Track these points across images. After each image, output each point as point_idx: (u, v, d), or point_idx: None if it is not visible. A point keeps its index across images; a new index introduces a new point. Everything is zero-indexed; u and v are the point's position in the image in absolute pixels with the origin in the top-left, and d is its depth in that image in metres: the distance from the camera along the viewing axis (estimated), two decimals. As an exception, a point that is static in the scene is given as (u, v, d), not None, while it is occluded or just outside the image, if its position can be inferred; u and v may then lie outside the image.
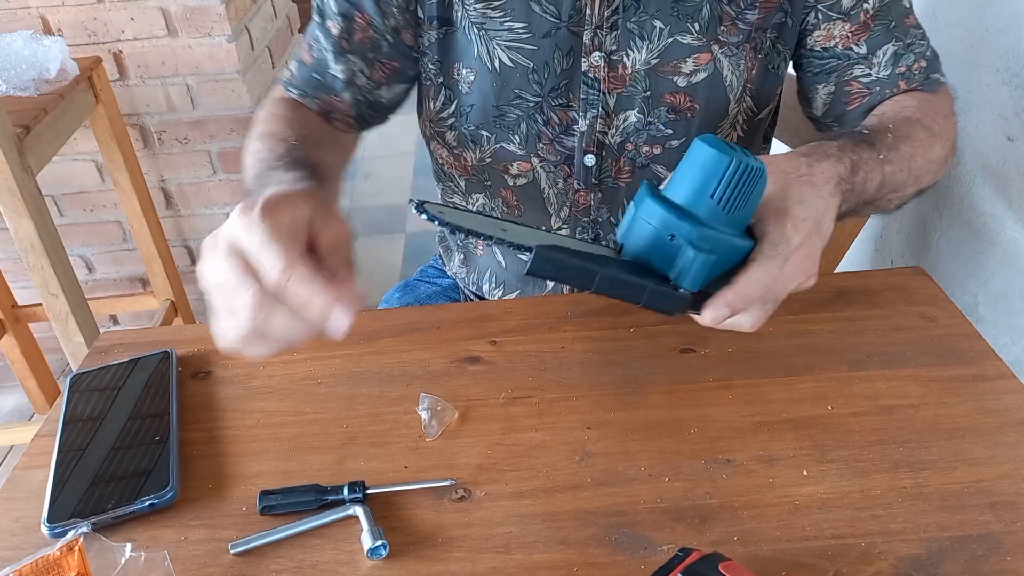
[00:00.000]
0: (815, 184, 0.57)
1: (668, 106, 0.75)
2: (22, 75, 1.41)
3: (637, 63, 0.73)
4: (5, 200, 1.27)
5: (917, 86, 0.74)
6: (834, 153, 0.60)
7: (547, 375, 0.66)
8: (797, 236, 0.54)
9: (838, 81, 0.75)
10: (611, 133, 0.77)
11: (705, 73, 0.73)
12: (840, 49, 0.73)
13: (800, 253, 0.54)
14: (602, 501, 0.54)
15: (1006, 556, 0.49)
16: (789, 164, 0.58)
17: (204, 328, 0.74)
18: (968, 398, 0.61)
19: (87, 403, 0.65)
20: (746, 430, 0.59)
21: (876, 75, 0.73)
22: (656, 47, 0.72)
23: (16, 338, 1.80)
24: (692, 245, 0.50)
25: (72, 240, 1.93)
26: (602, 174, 0.79)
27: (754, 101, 0.78)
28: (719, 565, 0.44)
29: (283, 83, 0.81)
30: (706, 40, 0.72)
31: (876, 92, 0.74)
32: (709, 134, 0.55)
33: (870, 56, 0.73)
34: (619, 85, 0.74)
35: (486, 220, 0.54)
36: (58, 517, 0.54)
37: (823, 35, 0.73)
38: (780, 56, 0.76)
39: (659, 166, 0.79)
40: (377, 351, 0.70)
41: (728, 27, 0.72)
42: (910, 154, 0.66)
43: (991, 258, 0.93)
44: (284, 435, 0.62)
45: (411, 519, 0.54)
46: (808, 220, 0.55)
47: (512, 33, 0.73)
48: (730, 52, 0.73)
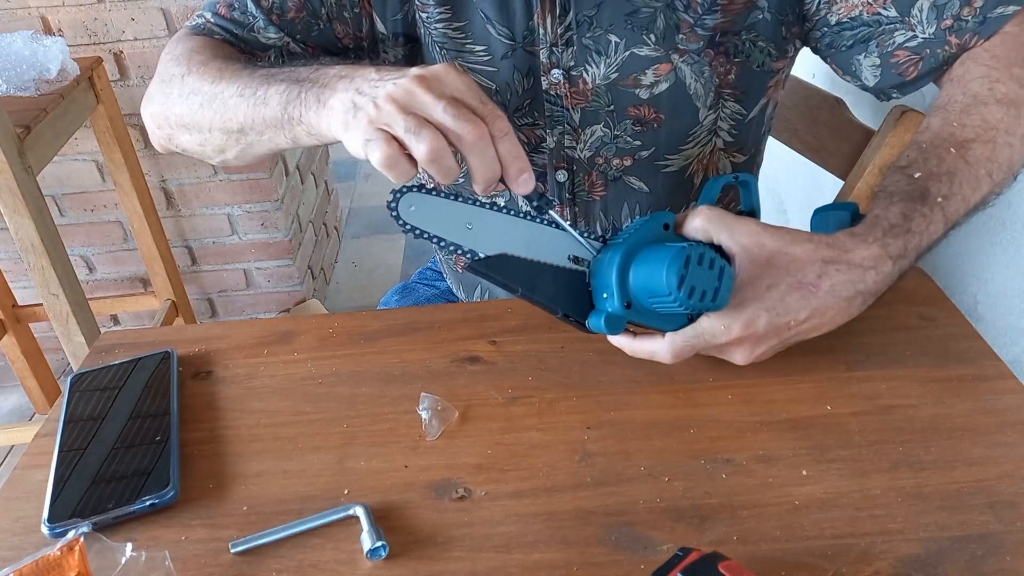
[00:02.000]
0: (811, 295, 0.55)
1: (633, 118, 0.74)
2: (22, 75, 1.41)
3: (597, 78, 0.72)
4: (6, 200, 1.27)
5: (974, 36, 0.65)
6: (869, 257, 0.56)
7: (547, 375, 0.66)
8: (729, 336, 0.56)
9: (881, 52, 0.69)
10: (580, 148, 0.76)
11: (667, 83, 0.72)
12: (867, 15, 0.67)
13: (731, 347, 0.58)
14: (602, 501, 0.54)
15: (1006, 556, 0.49)
16: (800, 264, 0.56)
17: (205, 328, 0.75)
18: (967, 398, 0.61)
19: (88, 403, 0.65)
20: (746, 430, 0.59)
21: (921, 36, 0.66)
22: (614, 61, 0.71)
23: (16, 338, 1.80)
24: (609, 317, 0.57)
25: (73, 240, 1.93)
26: (575, 188, 0.79)
27: (740, 104, 0.76)
28: (719, 565, 0.44)
29: (199, 29, 0.76)
30: (664, 50, 0.71)
31: (928, 55, 0.67)
32: (698, 243, 0.55)
33: (905, 17, 0.66)
34: (582, 100, 0.73)
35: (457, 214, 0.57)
36: (58, 517, 0.54)
37: (843, 7, 0.68)
38: (765, 53, 0.73)
39: (631, 177, 0.78)
40: (377, 351, 0.70)
41: (687, 35, 0.70)
42: (986, 155, 0.59)
43: (991, 258, 0.93)
44: (284, 435, 0.62)
45: (411, 519, 0.54)
46: (762, 327, 0.56)
47: (474, 55, 0.73)
48: (691, 60, 0.71)
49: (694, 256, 0.54)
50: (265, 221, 1.97)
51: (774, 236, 0.56)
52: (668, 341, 0.58)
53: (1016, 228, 0.89)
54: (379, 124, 0.50)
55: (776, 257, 0.56)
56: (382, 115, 0.50)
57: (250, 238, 2.00)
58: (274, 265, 2.06)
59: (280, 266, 2.06)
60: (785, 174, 1.57)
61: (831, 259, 0.56)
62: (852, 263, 0.56)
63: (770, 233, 0.56)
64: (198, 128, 0.67)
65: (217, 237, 2.00)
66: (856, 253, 0.56)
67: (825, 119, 0.96)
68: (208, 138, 0.67)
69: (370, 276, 2.46)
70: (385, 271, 2.45)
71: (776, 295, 0.56)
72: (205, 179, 1.90)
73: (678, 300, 0.53)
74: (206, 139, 0.68)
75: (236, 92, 0.63)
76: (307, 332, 0.73)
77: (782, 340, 0.58)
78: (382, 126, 0.50)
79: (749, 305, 0.56)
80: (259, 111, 0.60)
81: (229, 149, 0.67)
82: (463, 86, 0.52)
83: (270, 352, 0.71)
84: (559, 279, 0.59)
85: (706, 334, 0.57)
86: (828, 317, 0.57)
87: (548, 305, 0.59)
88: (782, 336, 0.57)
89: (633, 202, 0.81)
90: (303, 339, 0.72)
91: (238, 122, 0.63)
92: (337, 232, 2.61)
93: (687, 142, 0.76)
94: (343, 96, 0.53)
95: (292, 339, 0.72)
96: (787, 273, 0.56)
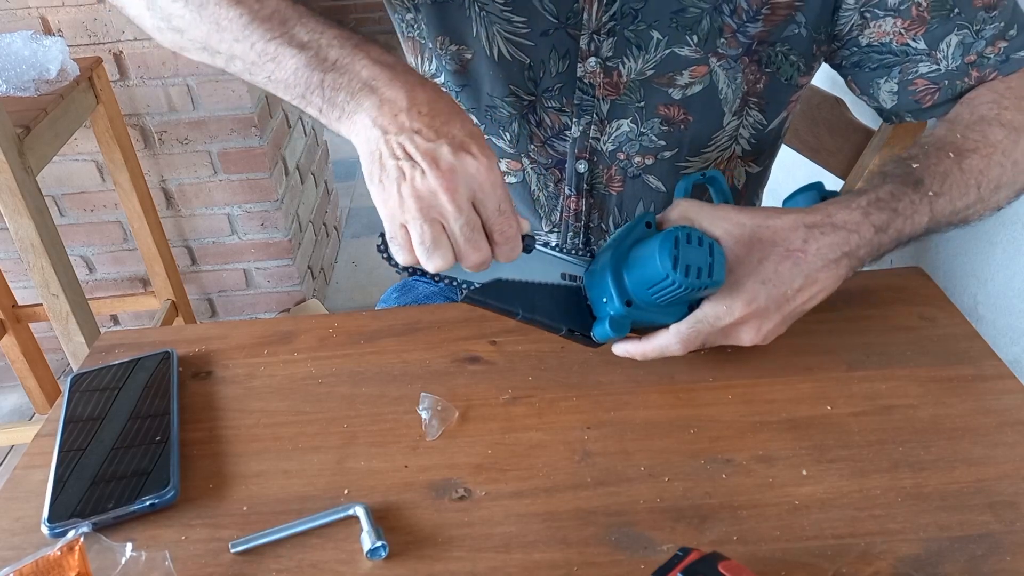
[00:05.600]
0: (801, 261, 0.57)
1: (662, 118, 0.74)
2: (22, 75, 1.41)
3: (632, 72, 0.72)
4: (5, 200, 1.27)
5: (994, 72, 0.68)
6: (851, 221, 0.58)
7: (547, 375, 0.66)
8: (732, 317, 0.57)
9: (902, 79, 0.71)
10: (604, 140, 0.76)
11: (701, 86, 0.72)
12: (896, 45, 0.69)
13: (736, 328, 0.58)
14: (602, 501, 0.54)
15: (1005, 556, 0.49)
16: (784, 233, 0.57)
17: (205, 328, 0.75)
18: (967, 398, 0.61)
19: (87, 403, 0.65)
20: (746, 430, 0.59)
21: (944, 68, 0.68)
22: (652, 58, 0.71)
23: (16, 338, 1.80)
24: (613, 320, 0.57)
25: (73, 240, 1.93)
26: (594, 180, 0.79)
27: (763, 114, 0.77)
28: (719, 565, 0.44)
29: None
30: (704, 53, 0.71)
31: (946, 86, 0.69)
32: (683, 226, 0.55)
33: (932, 51, 0.68)
34: (613, 92, 0.73)
35: None
36: (58, 517, 0.54)
37: (875, 32, 0.69)
38: (795, 67, 0.74)
39: (650, 176, 0.78)
40: (377, 351, 0.70)
41: (728, 39, 0.70)
42: (980, 168, 0.62)
43: (990, 258, 0.93)
44: (284, 435, 0.62)
45: (411, 519, 0.54)
46: (762, 300, 0.57)
47: (512, 25, 0.72)
48: (727, 65, 0.72)
49: (682, 236, 0.54)
50: (265, 221, 1.97)
51: (751, 214, 0.59)
52: (674, 331, 0.58)
53: (1016, 228, 0.89)
54: (400, 220, 0.50)
55: (759, 231, 0.57)
56: (404, 212, 0.49)
57: (250, 238, 2.00)
58: (274, 265, 2.06)
59: (280, 266, 2.06)
60: (785, 174, 1.57)
61: (814, 224, 0.58)
62: (835, 225, 0.58)
63: (747, 213, 0.59)
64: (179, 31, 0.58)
65: (217, 237, 2.00)
66: (838, 216, 0.58)
67: (825, 119, 0.96)
68: (189, 45, 0.59)
69: (370, 276, 2.46)
70: (385, 271, 2.45)
71: (769, 267, 0.57)
72: (205, 179, 1.90)
73: (676, 281, 0.53)
74: (189, 44, 0.59)
75: (242, 25, 0.54)
76: (307, 332, 0.73)
77: (783, 315, 0.58)
78: (403, 222, 0.50)
79: (745, 282, 0.56)
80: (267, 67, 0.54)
81: (215, 60, 0.58)
82: (489, 187, 0.50)
83: (270, 352, 0.71)
84: (556, 297, 0.60)
85: (709, 317, 0.57)
86: (820, 283, 0.58)
87: (550, 324, 0.60)
88: (783, 310, 0.58)
89: (648, 200, 0.81)
90: (303, 339, 0.72)
91: (232, 54, 0.55)
92: (337, 232, 2.61)
93: (708, 146, 0.77)
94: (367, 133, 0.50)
95: (292, 339, 0.72)
96: (774, 244, 0.57)
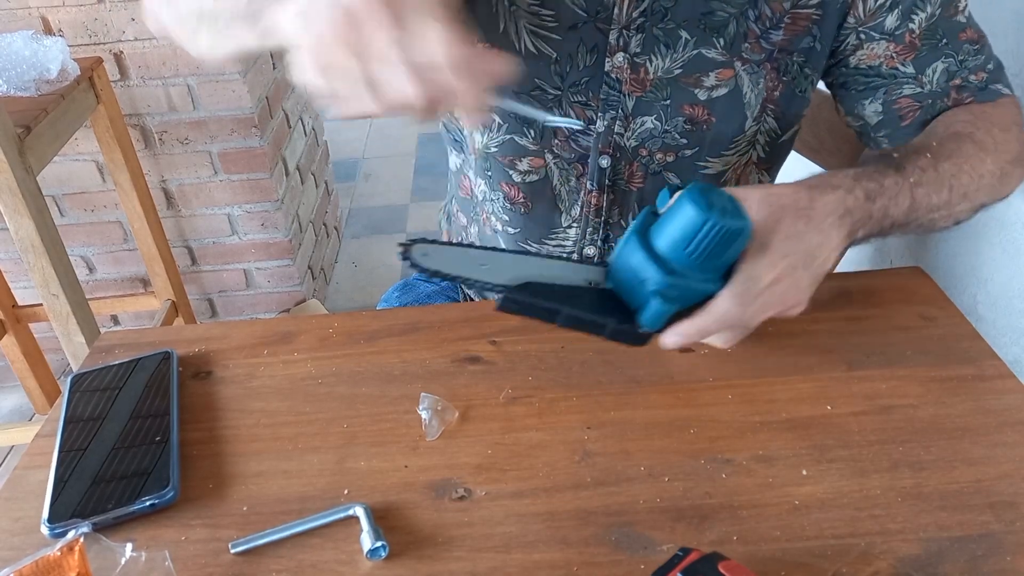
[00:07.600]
0: (812, 218, 0.57)
1: (686, 117, 0.74)
2: (23, 75, 1.41)
3: (660, 70, 0.72)
4: (6, 200, 1.27)
5: (971, 97, 0.72)
6: (845, 184, 0.60)
7: (547, 375, 0.66)
8: (773, 272, 0.56)
9: (886, 99, 0.74)
10: (627, 136, 0.76)
11: (726, 89, 0.73)
12: (886, 68, 0.72)
13: (779, 287, 0.56)
14: (602, 501, 0.54)
15: (1005, 556, 0.49)
16: (790, 196, 0.58)
17: (205, 328, 0.75)
18: (967, 398, 0.61)
19: (87, 403, 0.65)
20: (746, 430, 0.59)
21: (927, 90, 0.72)
22: (680, 57, 0.71)
23: (16, 338, 1.80)
24: (658, 294, 0.54)
25: (73, 240, 1.93)
26: (616, 176, 0.79)
27: (778, 123, 0.77)
28: (719, 565, 0.44)
29: None
30: (729, 56, 0.71)
31: (928, 105, 0.73)
32: (700, 183, 0.55)
33: (919, 75, 0.72)
34: (639, 89, 0.73)
35: (468, 257, 0.56)
36: (58, 517, 0.54)
37: (866, 54, 0.72)
38: (808, 80, 0.75)
39: (671, 173, 0.79)
40: (377, 351, 0.70)
41: (752, 45, 0.71)
42: (952, 172, 0.65)
43: (990, 258, 0.93)
44: (284, 435, 0.62)
45: (411, 519, 0.54)
46: (793, 255, 0.56)
47: (539, 19, 0.72)
48: (751, 70, 0.72)
49: (702, 187, 0.54)
50: (265, 221, 1.97)
51: (754, 188, 0.60)
52: (727, 293, 0.56)
53: (1016, 228, 0.89)
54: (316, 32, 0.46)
55: (768, 198, 0.57)
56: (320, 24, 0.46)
57: (250, 238, 2.01)
58: (274, 265, 2.06)
59: (280, 266, 2.06)
60: (785, 175, 1.57)
61: (814, 184, 0.60)
62: (833, 185, 0.60)
63: (750, 188, 0.60)
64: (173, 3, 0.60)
65: (217, 237, 2.00)
66: (834, 179, 0.61)
67: (825, 119, 0.96)
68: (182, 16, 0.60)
69: (370, 276, 2.46)
70: (385, 271, 2.45)
71: (788, 224, 0.57)
72: (205, 179, 1.90)
73: (712, 221, 0.51)
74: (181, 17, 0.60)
75: None
76: (307, 332, 0.73)
77: (811, 273, 0.58)
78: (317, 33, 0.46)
79: (771, 239, 0.56)
80: None
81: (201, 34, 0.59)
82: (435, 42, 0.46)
83: (270, 352, 0.71)
84: (589, 298, 0.57)
85: (753, 277, 0.56)
86: (832, 239, 0.58)
87: (596, 320, 0.56)
88: (810, 267, 0.58)
89: None
90: (303, 339, 0.72)
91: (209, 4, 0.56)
92: (337, 232, 2.61)
93: (729, 148, 0.77)
94: None
95: (292, 339, 0.72)
96: (782, 207, 0.57)
